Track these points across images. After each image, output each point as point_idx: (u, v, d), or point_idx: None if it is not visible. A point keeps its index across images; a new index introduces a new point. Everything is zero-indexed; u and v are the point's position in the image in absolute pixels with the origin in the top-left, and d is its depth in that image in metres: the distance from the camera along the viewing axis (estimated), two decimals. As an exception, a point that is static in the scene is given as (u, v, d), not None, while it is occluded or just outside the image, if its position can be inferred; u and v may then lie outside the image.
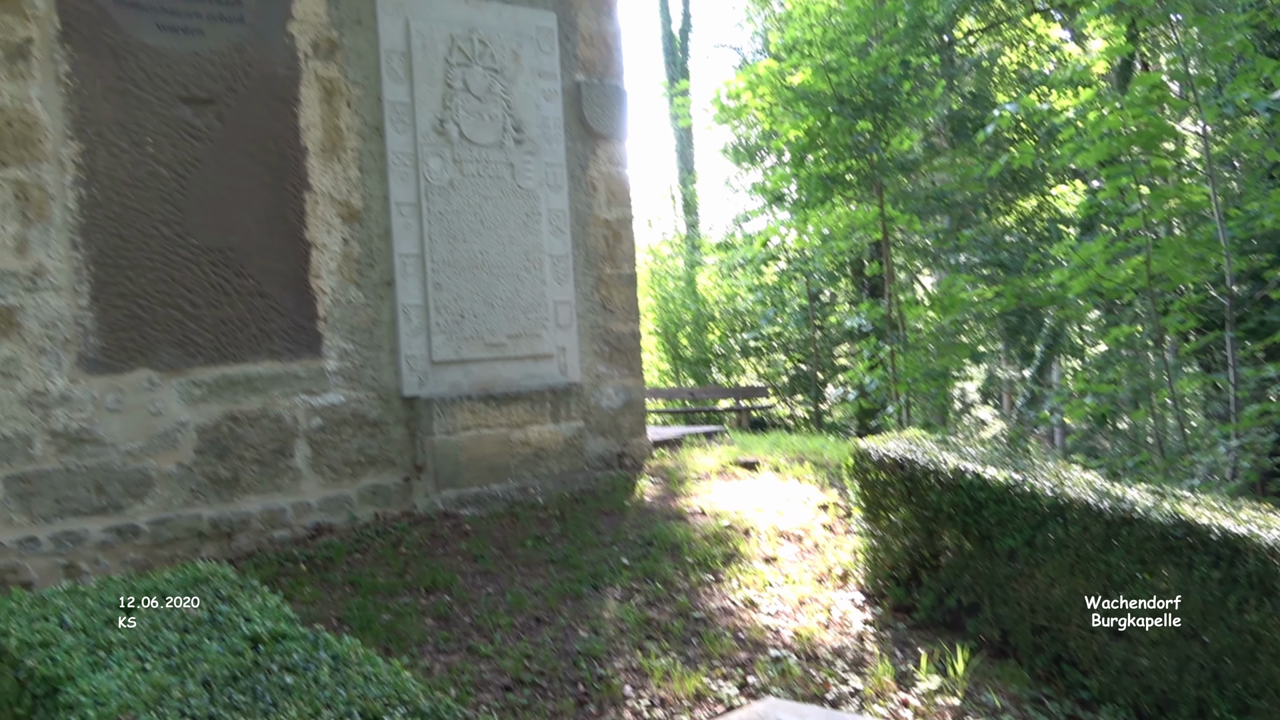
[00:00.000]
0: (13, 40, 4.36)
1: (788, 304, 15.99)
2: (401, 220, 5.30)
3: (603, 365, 6.11)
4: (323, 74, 5.16)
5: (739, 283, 17.14)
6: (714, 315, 17.55)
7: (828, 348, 16.87)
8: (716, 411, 15.11)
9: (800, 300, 15.92)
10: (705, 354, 17.34)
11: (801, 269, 14.84)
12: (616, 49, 6.27)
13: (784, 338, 17.00)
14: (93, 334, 4.50)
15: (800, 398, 17.12)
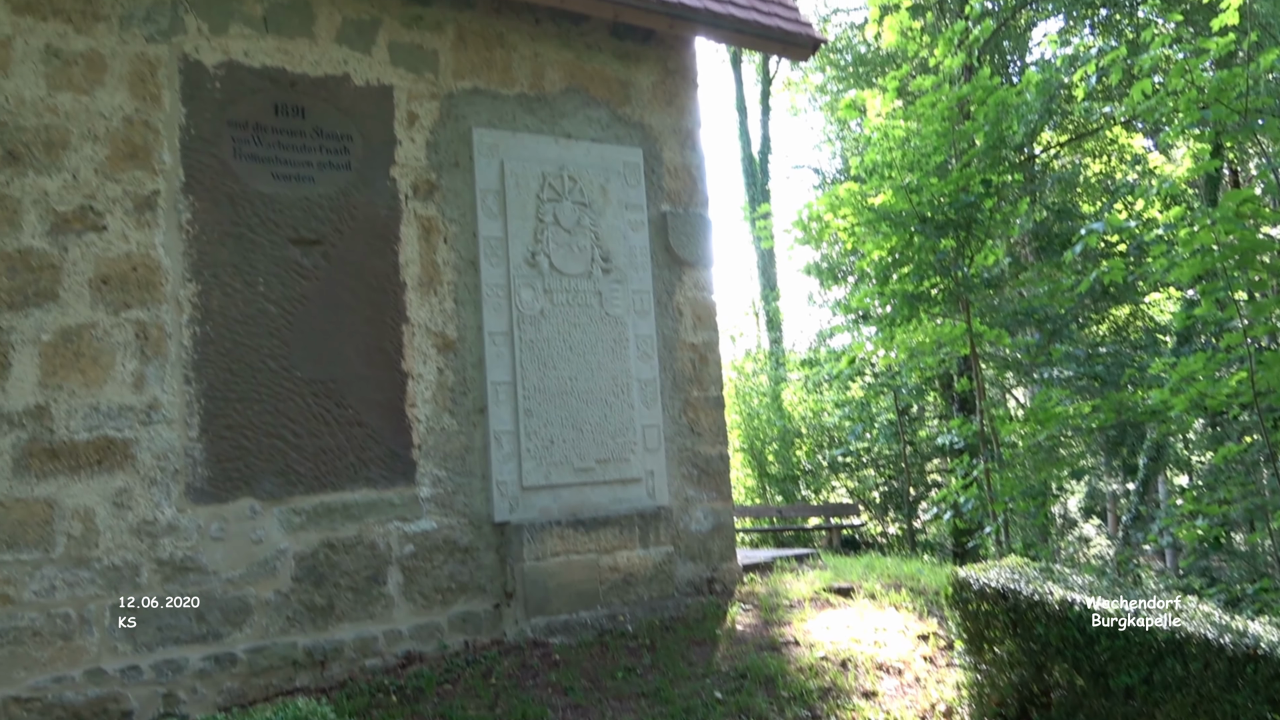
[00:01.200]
0: (142, 193, 4.71)
1: (876, 419, 15.80)
2: (494, 349, 5.46)
3: (691, 488, 6.11)
4: (422, 213, 5.43)
5: (825, 398, 17.03)
6: (800, 431, 17.42)
7: (919, 463, 16.54)
8: (806, 530, 14.84)
9: (889, 415, 15.72)
10: (793, 470, 17.15)
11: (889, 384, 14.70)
12: (700, 179, 6.46)
13: (873, 453, 16.74)
14: (201, 464, 4.68)
15: (892, 515, 16.73)
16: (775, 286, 23.37)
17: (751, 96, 25.37)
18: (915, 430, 16.28)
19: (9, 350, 4.36)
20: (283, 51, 5.16)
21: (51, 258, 4.50)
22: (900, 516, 16.35)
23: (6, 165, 4.45)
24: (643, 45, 6.39)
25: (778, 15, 6.52)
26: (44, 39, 4.60)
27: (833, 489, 17.49)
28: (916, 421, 16.66)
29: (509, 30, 5.90)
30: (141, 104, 4.77)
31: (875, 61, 20.65)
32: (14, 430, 4.32)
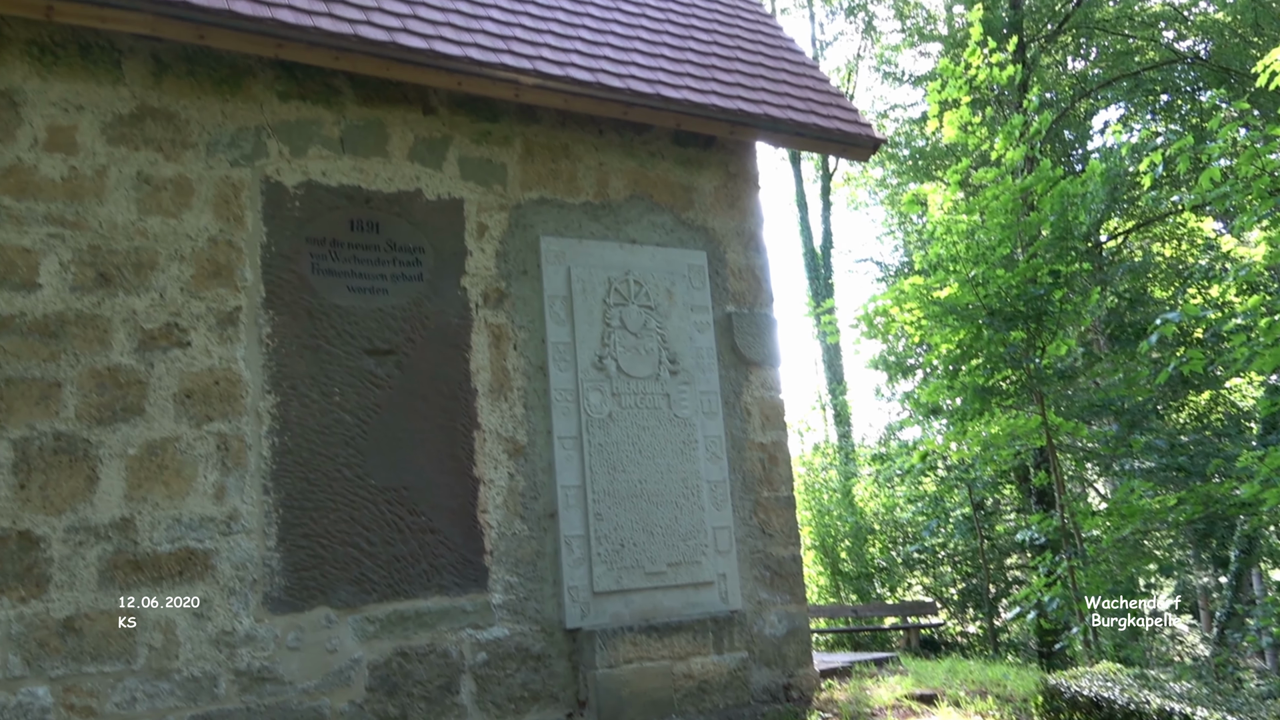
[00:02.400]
0: (224, 309, 4.89)
1: (950, 514, 15.42)
2: (564, 453, 5.49)
3: (764, 591, 6.00)
4: (491, 321, 5.54)
5: (897, 493, 16.70)
6: (873, 527, 17.05)
7: (997, 559, 16.04)
8: (882, 630, 14.40)
9: (964, 510, 15.34)
10: (866, 568, 16.74)
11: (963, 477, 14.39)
12: (764, 279, 6.52)
13: (949, 549, 16.29)
14: (278, 574, 4.74)
15: (972, 613, 16.17)
16: (842, 380, 23.22)
17: (811, 191, 25.69)
18: (992, 525, 15.83)
19: (97, 464, 4.50)
20: (358, 170, 5.39)
21: (139, 374, 4.67)
22: (981, 615, 15.80)
23: (99, 287, 4.67)
24: (704, 151, 6.53)
25: (837, 118, 6.63)
26: (136, 167, 4.87)
27: (908, 587, 17.01)
28: (993, 515, 16.21)
29: (574, 141, 6.08)
30: (225, 224, 5.00)
31: (934, 155, 20.80)
32: (100, 542, 4.43)
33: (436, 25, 5.45)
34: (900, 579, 16.91)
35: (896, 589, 16.88)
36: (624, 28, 6.56)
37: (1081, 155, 20.01)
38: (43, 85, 4.74)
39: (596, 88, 5.69)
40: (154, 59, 5.00)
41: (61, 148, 4.73)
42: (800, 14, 26.79)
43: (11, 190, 4.59)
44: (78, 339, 4.58)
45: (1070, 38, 20.21)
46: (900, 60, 24.62)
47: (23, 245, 4.57)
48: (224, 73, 5.14)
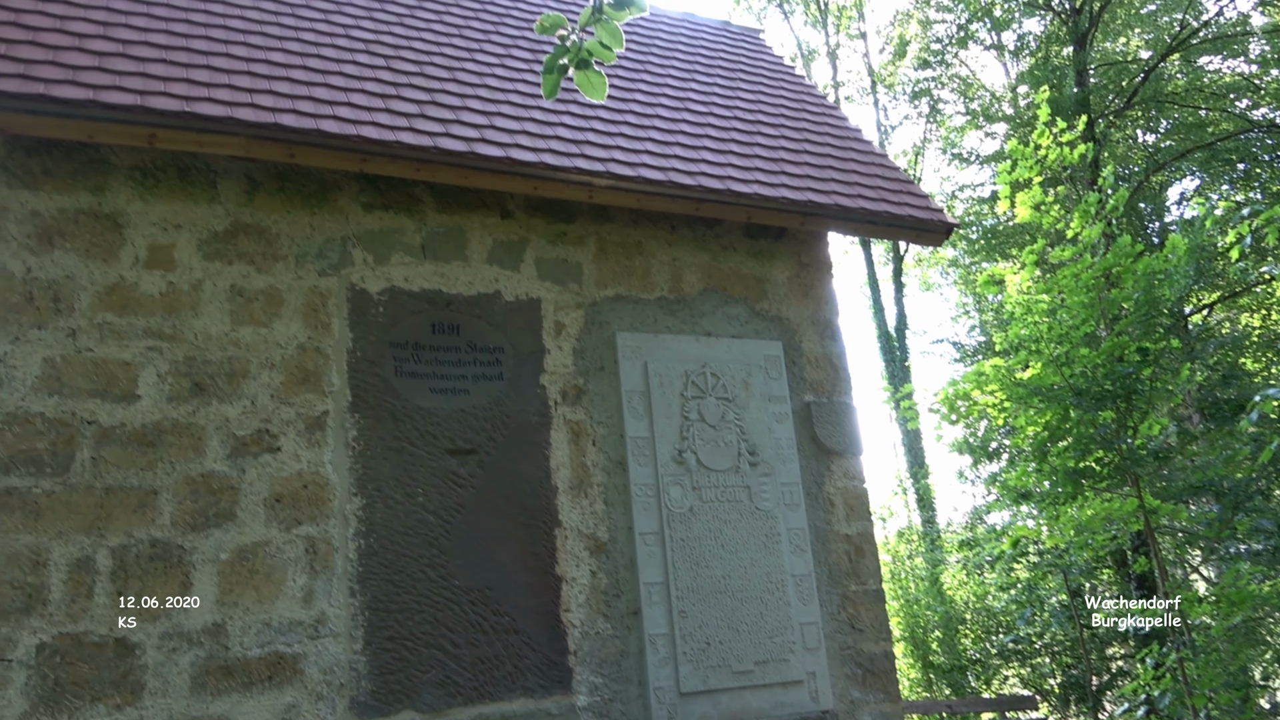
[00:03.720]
0: (312, 414, 5.02)
1: (1045, 602, 14.81)
2: (646, 549, 5.45)
3: (856, 690, 5.81)
4: (570, 417, 5.59)
5: (988, 580, 16.12)
6: (964, 617, 16.44)
7: (1098, 648, 15.30)
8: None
9: (1059, 597, 14.72)
10: (959, 660, 16.09)
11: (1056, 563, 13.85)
12: (842, 367, 6.47)
13: (1046, 638, 15.59)
14: (364, 678, 4.75)
15: (1074, 708, 15.38)
16: (923, 463, 22.74)
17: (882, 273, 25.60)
18: (1091, 612, 15.15)
19: (191, 570, 4.61)
20: (439, 275, 5.54)
21: (231, 479, 4.80)
22: (1085, 710, 15.02)
23: (194, 396, 4.84)
24: (776, 242, 6.58)
25: (908, 204, 6.64)
26: (230, 280, 5.08)
27: (1004, 679, 16.27)
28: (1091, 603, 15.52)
29: (646, 238, 6.19)
30: (313, 332, 5.16)
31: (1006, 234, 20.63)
32: (193, 649, 4.50)
33: (512, 134, 5.65)
34: (995, 672, 16.20)
35: (991, 682, 16.16)
36: (693, 126, 6.71)
37: (1159, 229, 19.66)
38: (144, 207, 5.01)
39: (668, 186, 5.80)
40: (247, 178, 5.25)
41: (161, 265, 4.96)
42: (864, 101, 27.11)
43: (115, 307, 4.82)
44: (173, 447, 4.74)
45: (1140, 112, 20.07)
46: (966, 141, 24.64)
47: (123, 359, 4.77)
48: (312, 187, 5.37)
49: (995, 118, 23.30)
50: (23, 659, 4.23)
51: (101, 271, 4.85)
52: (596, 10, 2.66)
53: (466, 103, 5.86)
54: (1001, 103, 23.62)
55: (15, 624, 4.26)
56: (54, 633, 4.31)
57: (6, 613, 4.25)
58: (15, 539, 4.36)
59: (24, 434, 4.51)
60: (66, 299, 4.75)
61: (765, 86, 8.06)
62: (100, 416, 4.65)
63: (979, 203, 22.62)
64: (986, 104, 23.90)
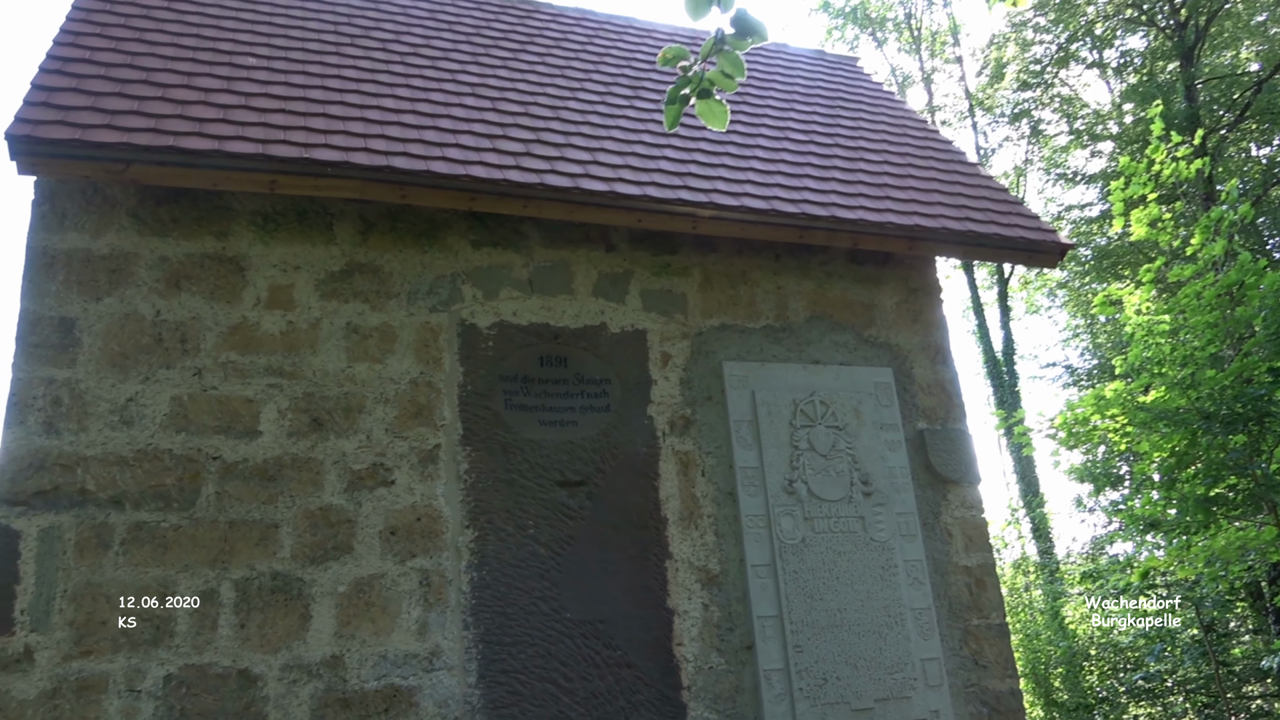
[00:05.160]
0: (425, 447, 5.10)
1: (1177, 637, 14.05)
2: (758, 581, 5.35)
3: (980, 729, 5.57)
4: (678, 448, 5.55)
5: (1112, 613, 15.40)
6: (1089, 653, 15.72)
7: (1235, 687, 14.43)
8: (1108, 769, 13.09)
9: (1192, 632, 13.96)
10: (1085, 698, 15.37)
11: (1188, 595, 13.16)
12: (955, 393, 6.29)
13: (1179, 676, 14.78)
14: (478, 711, 4.76)
15: (1211, 751, 14.52)
16: (1037, 492, 21.93)
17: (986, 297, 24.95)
18: (1226, 649, 14.32)
19: (310, 603, 4.70)
20: (546, 309, 5.59)
21: (348, 513, 4.89)
22: (1222, 752, 14.16)
23: (312, 432, 4.96)
24: (882, 268, 6.46)
25: (1018, 225, 6.46)
26: (346, 318, 5.21)
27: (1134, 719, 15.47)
28: (1227, 638, 14.68)
29: (750, 268, 6.14)
30: (425, 367, 5.25)
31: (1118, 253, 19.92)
32: (312, 680, 4.58)
33: (615, 169, 5.69)
34: (1123, 711, 15.42)
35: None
36: (794, 154, 6.66)
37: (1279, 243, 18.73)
38: (265, 250, 5.19)
39: (772, 214, 5.76)
40: (361, 219, 5.40)
41: (281, 305, 5.13)
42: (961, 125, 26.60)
43: (237, 346, 4.99)
44: (293, 481, 4.86)
45: (1254, 125, 19.24)
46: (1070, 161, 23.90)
47: (246, 396, 4.93)
48: (423, 226, 5.49)
49: (1101, 136, 22.60)
50: (150, 690, 4.36)
51: (225, 312, 5.03)
52: (719, 41, 2.67)
53: (570, 140, 5.93)
54: (1107, 121, 22.90)
55: (144, 655, 4.40)
56: (180, 664, 4.43)
57: (136, 644, 4.40)
58: (145, 572, 4.52)
59: (153, 470, 4.68)
60: (193, 339, 4.94)
61: (865, 112, 7.97)
62: (224, 452, 4.80)
63: (1087, 223, 21.90)
64: (1091, 122, 23.19)
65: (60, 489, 4.52)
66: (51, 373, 4.69)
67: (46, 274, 4.84)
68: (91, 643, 4.34)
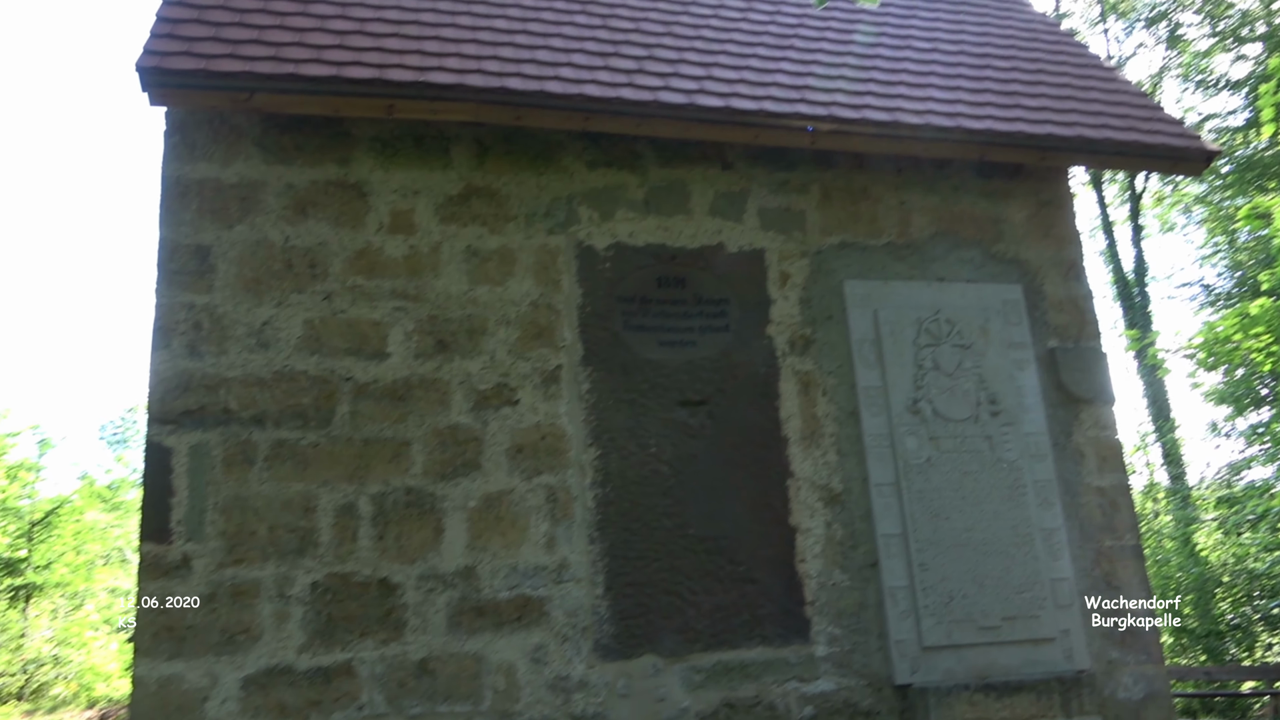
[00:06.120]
0: (547, 368, 5.16)
1: (1318, 565, 13.43)
2: (881, 501, 5.30)
3: (1114, 650, 5.45)
4: (799, 368, 5.49)
5: (1249, 540, 14.79)
6: (1221, 579, 15.17)
7: (1380, 618, 13.75)
8: (1241, 696, 12.72)
9: (1335, 560, 13.32)
10: (1216, 625, 14.88)
11: (1331, 523, 12.53)
12: (1088, 310, 6.04)
13: (1318, 604, 14.16)
14: (606, 622, 4.87)
15: (1354, 682, 13.91)
16: (1168, 416, 21.04)
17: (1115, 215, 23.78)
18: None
19: (443, 517, 4.86)
20: (663, 229, 5.55)
21: (475, 431, 5.01)
22: (1366, 684, 13.57)
23: (438, 353, 5.08)
24: (1010, 181, 6.19)
25: (1161, 131, 6.08)
26: (465, 242, 5.27)
27: (1268, 647, 14.92)
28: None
29: (872, 183, 5.96)
30: (545, 289, 5.29)
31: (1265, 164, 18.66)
32: (448, 589, 4.76)
33: (731, 84, 5.56)
34: (1258, 639, 14.88)
35: (1253, 650, 14.86)
36: (917, 64, 6.39)
37: None
38: (385, 175, 5.27)
39: (894, 127, 5.56)
40: (476, 143, 5.43)
41: (402, 229, 5.22)
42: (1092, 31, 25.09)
43: (363, 270, 5.11)
44: (422, 401, 4.99)
45: None
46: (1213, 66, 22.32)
47: (373, 319, 5.06)
48: (538, 149, 5.49)
49: (1248, 38, 21.04)
50: (299, 595, 4.60)
51: (350, 238, 5.15)
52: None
53: (684, 55, 5.81)
54: (1254, 21, 21.27)
55: (291, 564, 4.63)
56: (324, 573, 4.66)
57: (284, 554, 4.64)
58: (288, 487, 4.73)
59: (290, 390, 4.87)
60: (321, 264, 5.08)
61: (992, 18, 7.56)
62: (356, 373, 4.96)
63: (1229, 133, 20.54)
64: (1236, 23, 21.58)
65: (205, 408, 4.75)
66: (191, 298, 4.89)
67: (181, 203, 5.02)
68: (242, 551, 4.60)
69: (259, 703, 4.44)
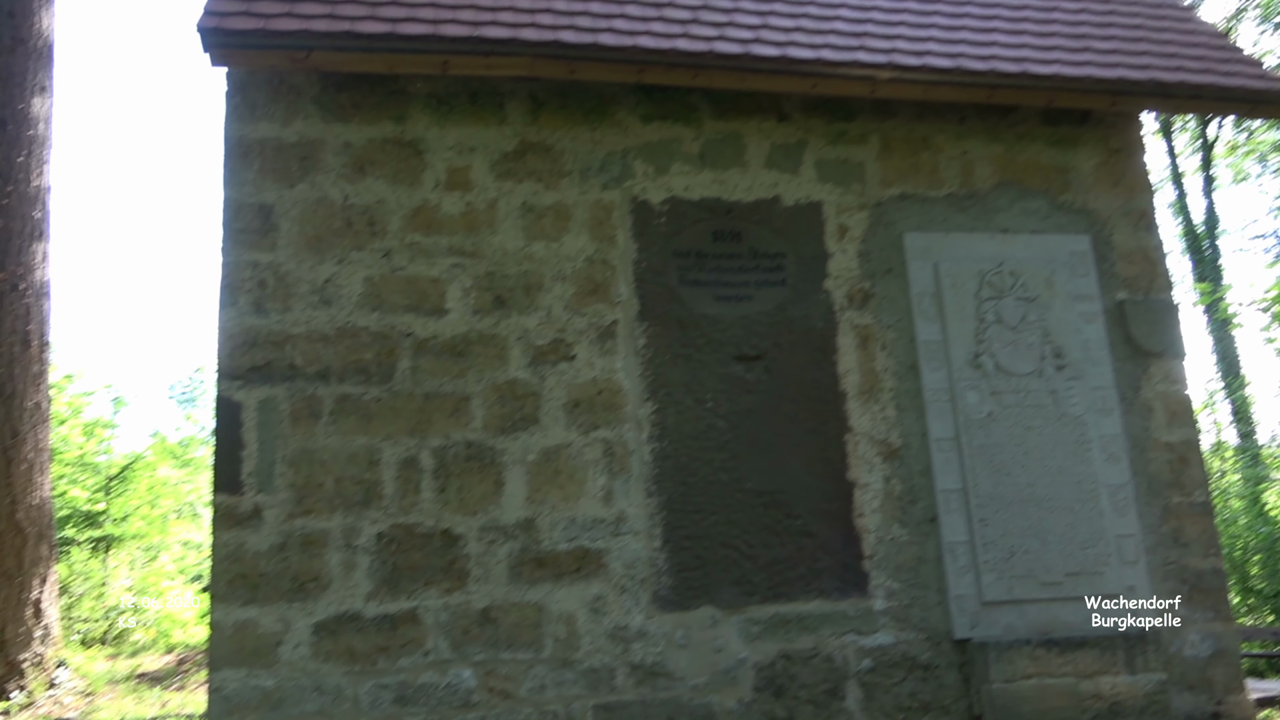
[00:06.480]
0: (603, 323, 5.17)
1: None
2: (941, 456, 5.24)
3: (1181, 607, 5.36)
4: (857, 322, 5.43)
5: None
6: (1292, 539, 14.80)
7: None
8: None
9: None
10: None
11: None
12: (1159, 261, 5.87)
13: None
14: (664, 573, 4.92)
15: None
16: (1239, 373, 20.46)
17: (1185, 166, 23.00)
18: None
19: (503, 470, 4.92)
20: (718, 183, 5.50)
21: (532, 386, 5.05)
22: None
23: (495, 309, 5.11)
24: (1079, 128, 6.02)
25: (1239, 73, 5.85)
26: (521, 198, 5.28)
27: (1340, 609, 14.55)
28: None
29: (933, 132, 5.84)
30: (600, 245, 5.29)
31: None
32: (509, 540, 4.83)
33: (787, 32, 5.46)
34: (1331, 599, 14.53)
35: (1324, 611, 14.52)
36: (980, 8, 6.20)
37: None
38: (441, 132, 5.29)
39: (957, 73, 5.42)
40: (531, 98, 5.41)
41: (459, 186, 5.24)
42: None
43: (421, 227, 5.15)
44: (480, 357, 5.04)
45: None
46: (1294, 7, 21.35)
47: (432, 275, 5.10)
48: (592, 103, 5.46)
49: (1331, -25, 20.08)
50: (365, 545, 4.71)
51: (407, 195, 5.19)
52: None
53: (739, 4, 5.71)
54: (1340, -42, 20.28)
55: (358, 515, 4.74)
56: (389, 524, 4.76)
57: (350, 505, 4.74)
58: (353, 440, 4.83)
59: (353, 346, 4.95)
60: (380, 222, 5.13)
61: (1058, -43, 7.30)
62: (416, 329, 5.02)
63: (1309, 76, 19.68)
64: (1320, -39, 20.60)
65: (272, 364, 4.85)
66: (256, 256, 4.98)
67: (243, 163, 5.09)
68: (310, 503, 4.71)
69: (329, 648, 4.58)
